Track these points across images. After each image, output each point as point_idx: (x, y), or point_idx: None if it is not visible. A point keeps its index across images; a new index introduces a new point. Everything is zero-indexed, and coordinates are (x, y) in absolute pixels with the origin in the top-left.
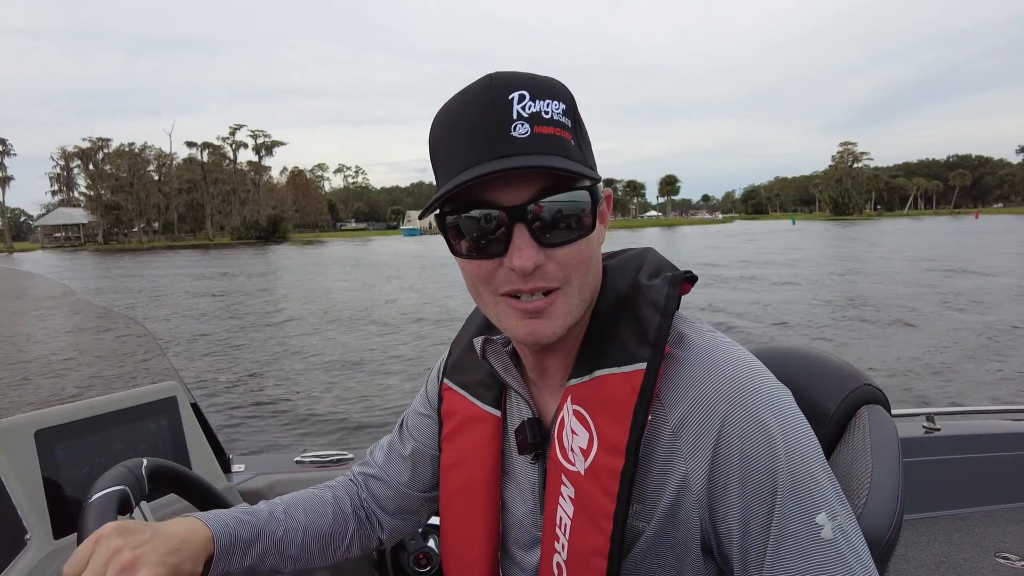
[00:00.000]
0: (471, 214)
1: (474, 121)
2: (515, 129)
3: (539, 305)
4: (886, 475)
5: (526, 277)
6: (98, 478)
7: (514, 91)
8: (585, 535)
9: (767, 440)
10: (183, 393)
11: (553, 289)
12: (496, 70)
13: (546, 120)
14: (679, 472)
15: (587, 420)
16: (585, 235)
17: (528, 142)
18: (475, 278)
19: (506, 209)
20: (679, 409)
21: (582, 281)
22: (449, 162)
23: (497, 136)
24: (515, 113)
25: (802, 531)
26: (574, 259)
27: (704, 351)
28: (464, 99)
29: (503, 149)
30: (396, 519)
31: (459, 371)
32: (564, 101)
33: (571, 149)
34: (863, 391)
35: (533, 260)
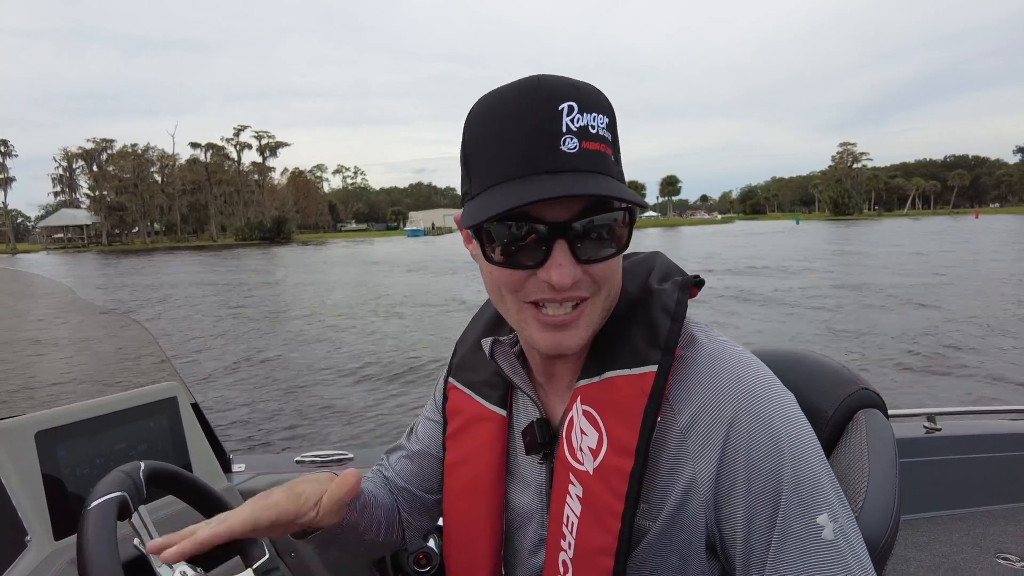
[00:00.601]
0: (512, 225)
1: (520, 128)
2: (564, 143)
3: (566, 319)
4: (883, 478)
5: (555, 292)
6: (96, 483)
7: (563, 101)
8: (592, 533)
9: (773, 443)
10: (184, 393)
11: (583, 299)
12: (542, 73)
13: (592, 135)
14: (687, 473)
15: (597, 420)
16: (620, 251)
17: (576, 158)
18: (504, 285)
19: (549, 224)
20: (688, 411)
21: (609, 291)
22: (490, 166)
23: (546, 149)
24: (564, 126)
25: (804, 531)
26: (605, 274)
27: (713, 355)
28: (510, 102)
29: (552, 164)
30: (414, 518)
31: (464, 370)
32: (607, 115)
33: (612, 166)
34: (860, 395)
35: (572, 277)
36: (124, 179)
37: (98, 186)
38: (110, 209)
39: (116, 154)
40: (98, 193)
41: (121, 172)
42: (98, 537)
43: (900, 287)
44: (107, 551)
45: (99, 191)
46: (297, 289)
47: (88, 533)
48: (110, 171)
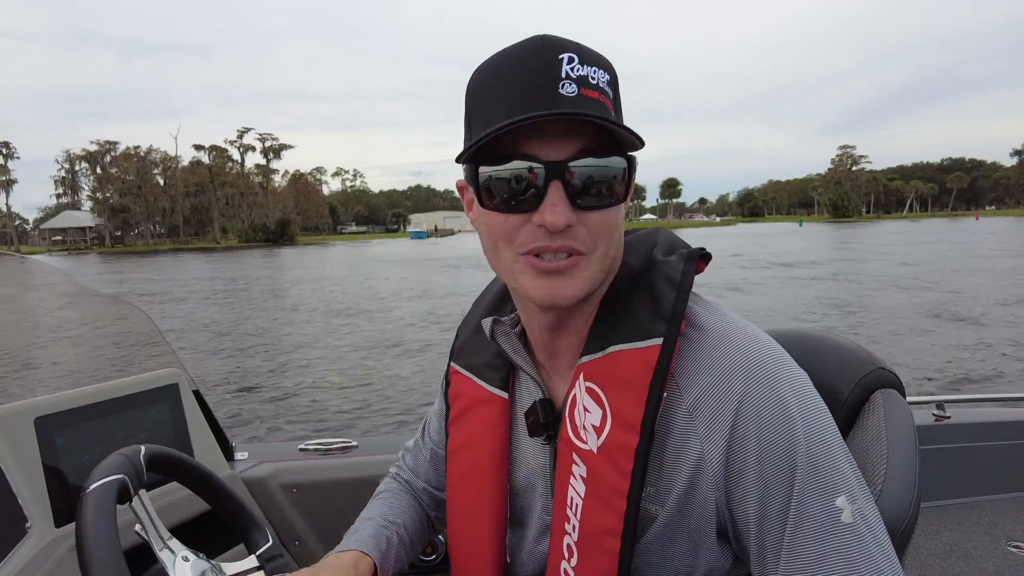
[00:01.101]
0: (508, 166)
1: (521, 75)
2: (563, 87)
3: (561, 265)
4: (903, 460)
5: (554, 235)
6: (95, 467)
7: (564, 52)
8: (597, 515)
9: (786, 421)
10: (185, 380)
11: (578, 252)
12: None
13: (592, 84)
14: (694, 453)
15: (600, 397)
16: (617, 203)
17: (574, 102)
18: (499, 234)
19: (544, 163)
20: (695, 388)
21: (606, 250)
22: (489, 112)
23: (545, 91)
24: (563, 72)
25: (821, 514)
26: (603, 226)
27: (721, 330)
28: (511, 54)
29: (550, 104)
30: (436, 512)
31: (466, 354)
32: (608, 72)
33: (613, 118)
34: (877, 375)
35: (566, 217)
36: (128, 181)
37: (101, 188)
38: (113, 211)
39: (120, 156)
40: (102, 195)
41: (124, 174)
42: (97, 520)
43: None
44: (106, 534)
45: (103, 193)
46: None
47: (87, 516)
48: (113, 173)
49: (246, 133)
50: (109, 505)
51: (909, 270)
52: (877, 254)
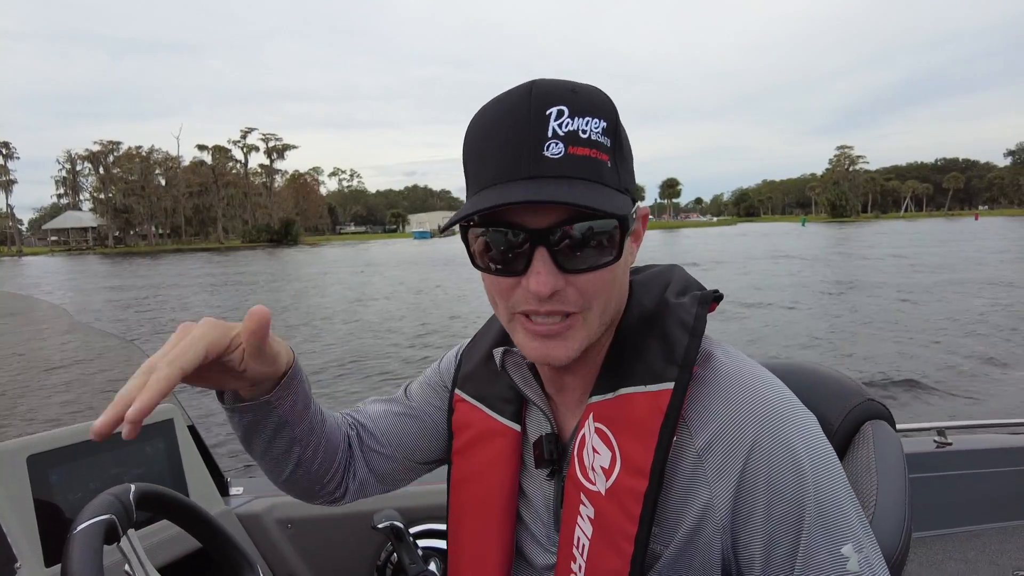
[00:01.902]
0: (495, 232)
1: (508, 135)
2: (548, 149)
3: (553, 329)
4: (892, 492)
5: (542, 301)
6: (83, 508)
7: (553, 106)
8: (604, 557)
9: (796, 468)
10: (180, 415)
11: (571, 313)
12: (538, 77)
13: (583, 140)
14: (703, 497)
15: (610, 439)
16: (609, 263)
17: (559, 164)
18: (494, 292)
19: (529, 232)
20: (705, 432)
21: (603, 307)
22: (479, 173)
23: (528, 155)
24: (550, 130)
25: (828, 562)
26: (595, 286)
27: (732, 374)
28: (501, 107)
29: (532, 169)
30: (369, 476)
31: (474, 382)
32: (606, 118)
33: (606, 172)
34: (866, 406)
35: (550, 286)
36: (130, 181)
37: (104, 188)
38: (116, 211)
39: (123, 156)
40: (104, 195)
41: (127, 174)
42: (82, 563)
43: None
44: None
45: (105, 193)
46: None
47: (72, 559)
48: (116, 173)
49: (249, 133)
50: (95, 546)
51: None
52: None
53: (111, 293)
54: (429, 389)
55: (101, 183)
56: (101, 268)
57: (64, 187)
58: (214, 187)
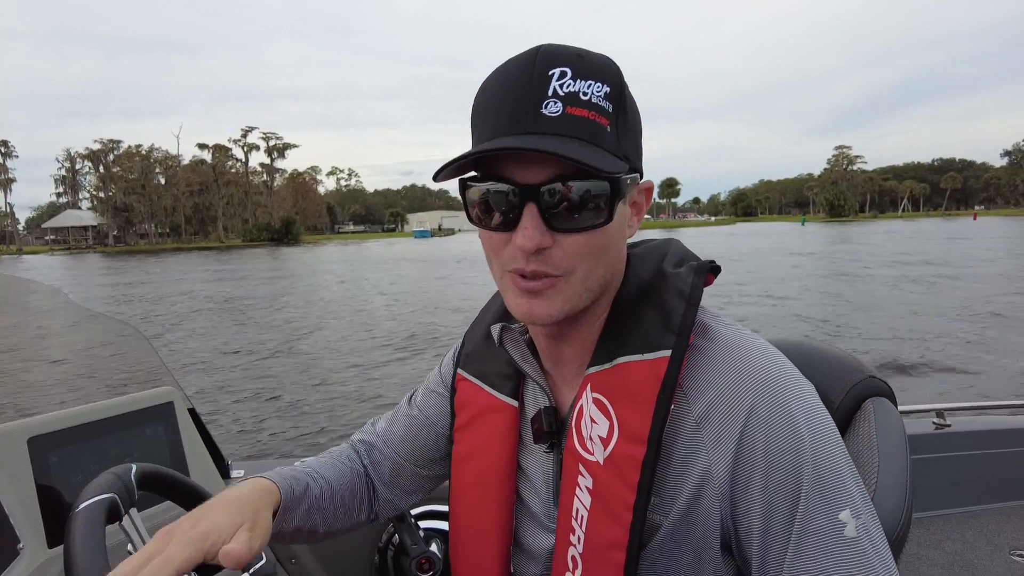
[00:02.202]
0: (487, 186)
1: (510, 93)
2: (546, 107)
3: (536, 286)
4: (893, 469)
5: (528, 258)
6: (83, 489)
7: (556, 67)
8: (603, 526)
9: (794, 435)
10: (180, 398)
11: (554, 276)
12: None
13: (583, 102)
14: (701, 464)
15: (608, 408)
16: (598, 225)
17: (557, 122)
18: (488, 248)
19: (520, 187)
20: (703, 400)
21: (588, 272)
22: (480, 130)
23: (527, 111)
24: (551, 90)
25: (825, 528)
26: (582, 248)
27: (730, 343)
28: (508, 68)
29: (529, 126)
30: (390, 493)
31: (474, 361)
32: (610, 83)
33: (604, 136)
34: (868, 383)
35: (536, 241)
36: (131, 180)
37: (105, 187)
38: (116, 210)
39: (123, 155)
40: (105, 194)
41: (127, 173)
42: (85, 541)
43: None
44: (94, 555)
45: (106, 192)
46: None
47: (74, 537)
48: (116, 172)
49: (250, 132)
50: (98, 525)
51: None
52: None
53: (132, 289)
54: (432, 393)
55: (101, 182)
56: (114, 265)
57: (63, 186)
58: (215, 186)
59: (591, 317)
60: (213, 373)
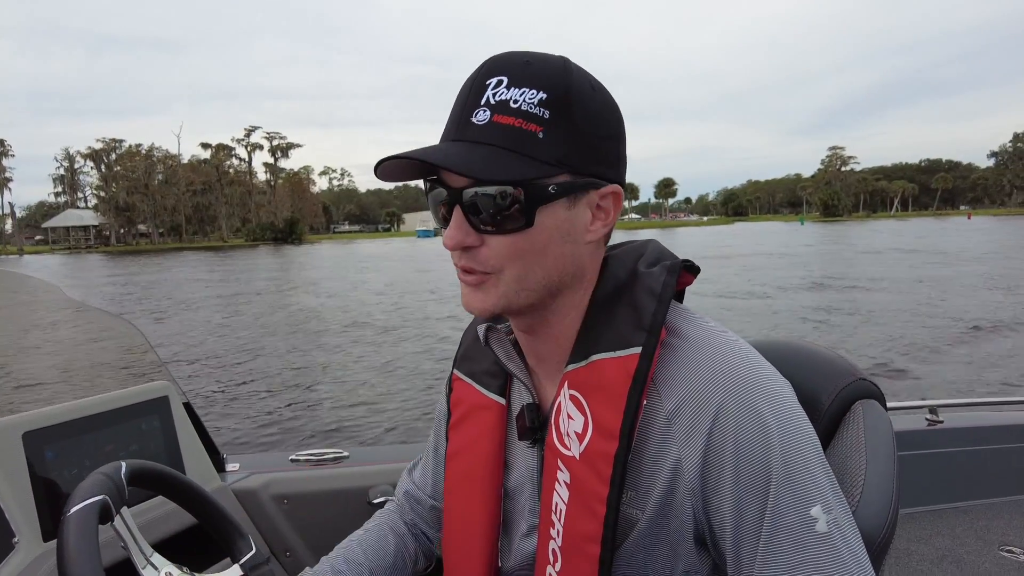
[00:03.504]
0: (431, 189)
1: (456, 102)
2: (476, 115)
3: (471, 280)
4: (881, 471)
5: (459, 255)
6: (76, 487)
7: (495, 76)
8: (579, 520)
9: (762, 431)
10: (175, 392)
11: (483, 273)
12: (494, 53)
13: (512, 109)
14: (672, 458)
15: (583, 404)
16: (519, 229)
17: (481, 130)
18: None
19: (449, 189)
20: (674, 396)
21: (521, 272)
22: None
23: (460, 119)
24: (484, 99)
25: (796, 523)
26: (507, 249)
27: (702, 341)
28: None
29: (456, 133)
30: (439, 535)
31: (467, 361)
32: (547, 89)
33: (532, 143)
34: (857, 385)
35: (455, 240)
36: (133, 178)
37: (107, 186)
38: (118, 210)
39: (125, 154)
40: (107, 193)
41: (129, 172)
42: (78, 545)
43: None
44: (88, 561)
45: (108, 191)
46: None
47: (68, 541)
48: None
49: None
50: (91, 527)
51: None
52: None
53: (223, 288)
54: (441, 417)
55: (104, 181)
56: (138, 266)
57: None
58: (218, 185)
59: (560, 316)
60: (209, 367)
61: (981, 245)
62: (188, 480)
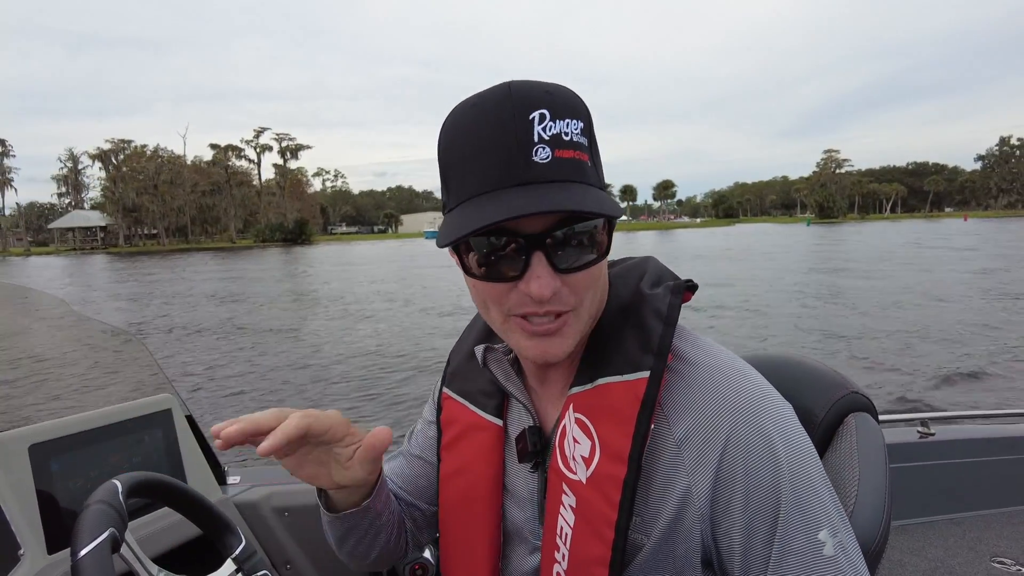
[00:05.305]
0: (489, 239)
1: (492, 140)
2: (536, 154)
3: (551, 328)
4: (873, 483)
5: (543, 303)
6: (78, 524)
7: (535, 110)
8: (586, 544)
9: (772, 457)
10: (178, 405)
11: (566, 312)
12: (513, 79)
13: (566, 143)
14: (681, 486)
15: (589, 428)
16: (600, 259)
17: (548, 168)
18: (487, 298)
19: (525, 236)
20: (683, 422)
21: (591, 302)
22: (464, 179)
23: (518, 160)
24: (536, 135)
25: (805, 547)
26: (588, 282)
27: (709, 365)
28: (481, 110)
29: (524, 176)
30: (412, 528)
31: (459, 380)
32: (583, 119)
33: (588, 172)
34: (850, 399)
35: (551, 288)
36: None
37: (115, 187)
38: (126, 210)
39: (132, 154)
40: (115, 194)
41: (136, 173)
42: None
43: None
44: None
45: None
46: None
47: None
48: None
49: (262, 133)
50: (107, 563)
51: None
52: None
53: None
54: (426, 427)
55: (112, 182)
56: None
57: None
58: (227, 186)
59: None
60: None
61: None
62: (179, 483)
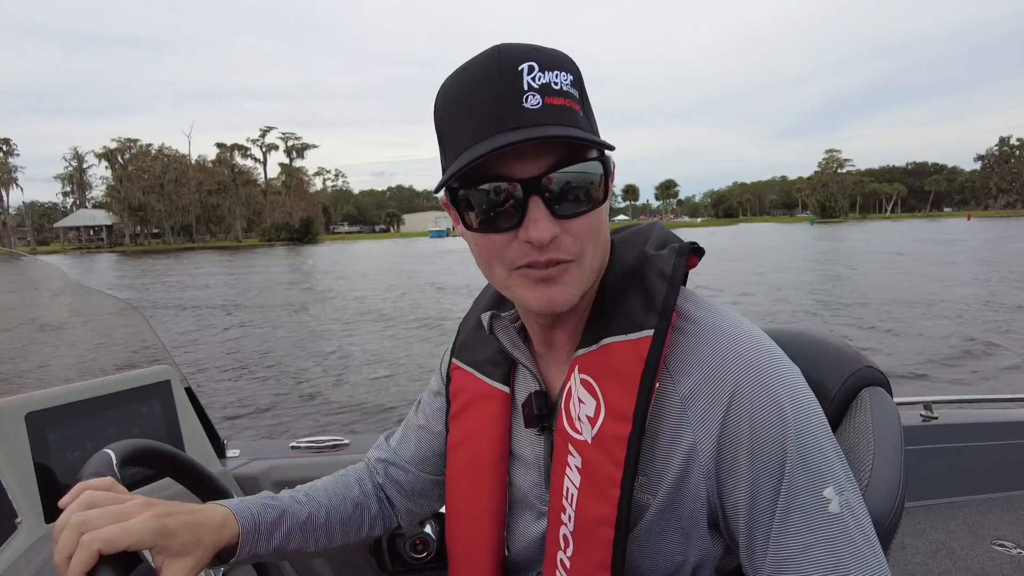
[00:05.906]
0: (483, 187)
1: (484, 94)
2: (526, 100)
3: (552, 273)
4: (888, 457)
5: (542, 249)
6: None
7: (523, 62)
8: (592, 504)
9: (778, 414)
10: (177, 377)
11: (567, 261)
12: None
13: (556, 91)
14: (686, 443)
15: (594, 388)
16: (598, 206)
17: (540, 113)
18: (488, 253)
19: (520, 181)
20: (688, 380)
21: (593, 252)
22: (458, 136)
23: (509, 108)
24: (525, 84)
25: (809, 504)
26: (587, 230)
27: (715, 324)
28: (471, 71)
29: (516, 121)
30: (411, 503)
31: (467, 350)
32: (571, 72)
33: (580, 120)
34: (864, 373)
35: (550, 232)
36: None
37: (122, 186)
38: (132, 210)
39: (138, 153)
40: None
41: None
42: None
43: None
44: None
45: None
46: None
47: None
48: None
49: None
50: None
51: None
52: None
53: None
54: (435, 397)
55: (119, 181)
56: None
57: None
58: (233, 186)
59: (583, 301)
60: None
61: None
62: (174, 450)
